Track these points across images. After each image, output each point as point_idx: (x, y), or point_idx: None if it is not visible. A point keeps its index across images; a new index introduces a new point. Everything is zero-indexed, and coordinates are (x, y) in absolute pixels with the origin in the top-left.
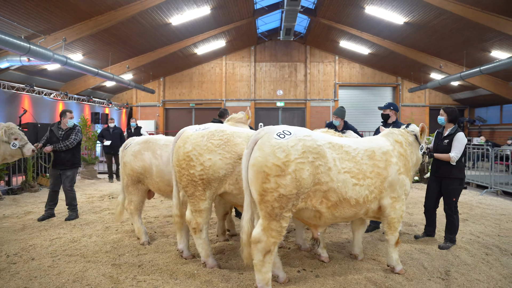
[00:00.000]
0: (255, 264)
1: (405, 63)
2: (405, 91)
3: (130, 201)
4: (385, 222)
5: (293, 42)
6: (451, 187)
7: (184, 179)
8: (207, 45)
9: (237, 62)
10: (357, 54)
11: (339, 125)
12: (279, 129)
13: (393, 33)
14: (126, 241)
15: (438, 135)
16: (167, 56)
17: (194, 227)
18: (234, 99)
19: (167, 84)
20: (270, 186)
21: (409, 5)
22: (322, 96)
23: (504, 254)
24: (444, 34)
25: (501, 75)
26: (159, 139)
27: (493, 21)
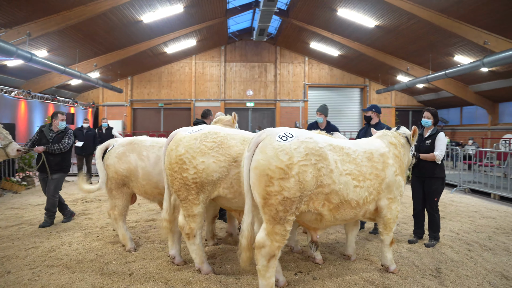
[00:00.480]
0: (258, 270)
1: (374, 65)
2: (373, 93)
3: (114, 206)
4: (381, 222)
5: (263, 43)
6: (434, 187)
7: (176, 182)
8: (177, 44)
9: (207, 61)
10: (327, 55)
11: (322, 123)
12: (280, 131)
13: (364, 36)
14: (109, 248)
15: (420, 136)
16: (136, 54)
17: (188, 233)
18: (203, 99)
19: (135, 83)
20: (274, 189)
21: (381, 9)
22: (291, 97)
23: (484, 250)
24: (412, 38)
25: (462, 78)
26: (145, 140)
27: (458, 28)
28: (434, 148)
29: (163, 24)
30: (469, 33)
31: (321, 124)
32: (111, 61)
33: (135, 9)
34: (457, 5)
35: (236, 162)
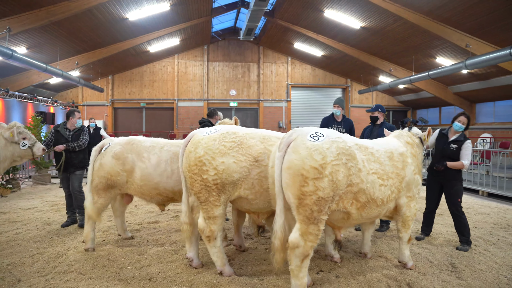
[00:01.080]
0: (292, 270)
1: (357, 66)
2: (355, 93)
3: (93, 203)
4: (400, 220)
5: (247, 43)
6: (456, 188)
7: (196, 184)
8: (161, 43)
9: (189, 61)
10: (310, 55)
11: (339, 115)
12: (311, 131)
13: (349, 37)
14: (119, 252)
15: (443, 136)
16: (119, 53)
17: (208, 235)
18: (186, 99)
19: (116, 83)
20: (308, 189)
21: (368, 10)
22: (275, 97)
23: (489, 244)
24: (397, 40)
25: (442, 79)
26: (144, 141)
27: (442, 31)
28: (459, 154)
29: (148, 22)
30: (453, 36)
31: (338, 116)
32: (93, 59)
33: (121, 6)
34: (442, 9)
35: (257, 162)
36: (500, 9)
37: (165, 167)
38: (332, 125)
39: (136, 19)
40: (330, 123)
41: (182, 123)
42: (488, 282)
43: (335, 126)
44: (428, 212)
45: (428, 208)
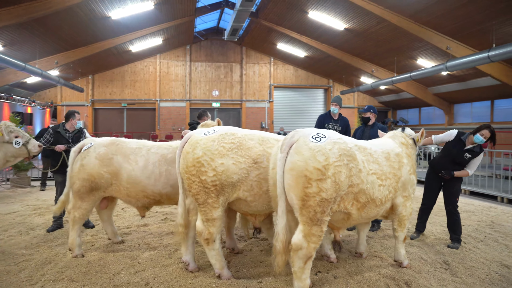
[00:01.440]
0: (294, 272)
1: (339, 67)
2: (336, 93)
3: (77, 207)
4: (396, 220)
5: (229, 43)
6: (456, 188)
7: (194, 186)
8: (143, 43)
9: (171, 61)
10: (292, 56)
11: (336, 113)
12: (312, 132)
13: (332, 38)
14: (111, 257)
15: (459, 142)
16: (100, 52)
17: (207, 238)
18: (168, 99)
19: (96, 83)
20: (312, 191)
21: (353, 12)
22: (257, 97)
23: (478, 241)
24: (380, 41)
25: (422, 81)
26: (129, 142)
27: (423, 33)
28: (470, 163)
29: (131, 21)
30: (434, 38)
31: (335, 114)
32: (74, 58)
33: (104, 4)
34: (424, 12)
35: (256, 163)
36: (478, 14)
37: (153, 169)
38: (328, 123)
39: (119, 18)
40: (326, 120)
41: (164, 123)
42: (481, 278)
43: (332, 124)
44: (426, 208)
45: (425, 204)
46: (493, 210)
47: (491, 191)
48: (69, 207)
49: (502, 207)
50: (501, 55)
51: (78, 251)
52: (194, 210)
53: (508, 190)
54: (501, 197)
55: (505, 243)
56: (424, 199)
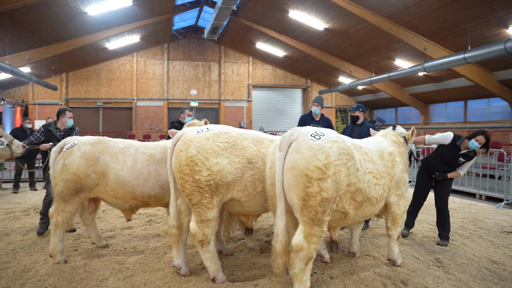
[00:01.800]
0: (295, 274)
1: (318, 66)
2: (315, 93)
3: (60, 210)
4: (390, 218)
5: (207, 42)
6: (448, 186)
7: (188, 186)
8: (120, 40)
9: (149, 59)
10: (271, 55)
11: (317, 114)
12: (311, 130)
13: (312, 38)
14: (96, 262)
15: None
16: (75, 49)
17: (201, 240)
18: (146, 98)
19: (70, 81)
20: (313, 190)
21: (333, 12)
22: (236, 97)
23: (464, 238)
24: (359, 42)
25: (399, 81)
26: (115, 141)
27: (402, 34)
28: (462, 165)
29: (108, 17)
30: (412, 40)
31: (316, 115)
32: (47, 55)
33: None
34: (404, 13)
35: (251, 163)
36: (455, 16)
37: (142, 169)
38: (310, 123)
39: (96, 14)
40: (308, 121)
41: (141, 123)
42: (473, 275)
43: (313, 125)
44: (416, 206)
45: (416, 202)
46: (473, 207)
47: (470, 188)
48: (51, 210)
49: (482, 204)
50: (476, 57)
51: (60, 257)
52: (186, 211)
53: (486, 187)
54: (480, 194)
55: (489, 239)
56: (414, 197)
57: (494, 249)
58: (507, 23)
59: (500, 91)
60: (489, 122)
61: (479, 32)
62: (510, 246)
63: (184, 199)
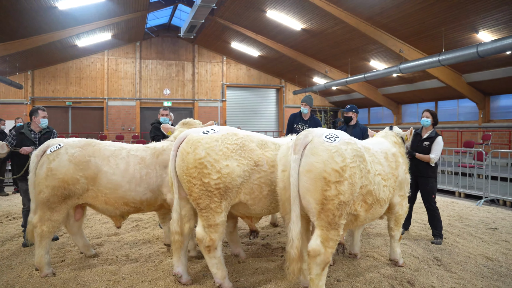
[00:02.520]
0: (311, 279)
1: (293, 67)
2: (289, 93)
3: (46, 219)
4: (393, 219)
5: (181, 40)
6: (430, 185)
7: (196, 189)
8: (91, 37)
9: (120, 58)
10: (245, 55)
11: (306, 113)
12: (325, 131)
13: (288, 38)
14: (88, 273)
15: (417, 135)
16: (43, 46)
17: (209, 245)
18: (117, 98)
19: (36, 79)
20: (331, 194)
21: (311, 13)
22: (210, 97)
23: (455, 236)
24: (335, 43)
25: (373, 82)
26: (105, 144)
27: (379, 35)
28: (427, 150)
29: (80, 13)
30: (388, 41)
31: (305, 115)
32: (11, 51)
33: None
34: (381, 15)
35: (258, 166)
36: (429, 20)
37: (134, 173)
38: (298, 123)
39: (66, 9)
40: (296, 120)
41: (113, 123)
42: (473, 272)
43: (301, 124)
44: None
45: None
46: (456, 205)
47: (450, 187)
48: (35, 220)
49: (462, 202)
50: (450, 59)
51: (48, 270)
52: (187, 216)
53: (466, 185)
54: (459, 192)
55: (478, 236)
56: None
57: (485, 246)
58: (478, 28)
59: (469, 92)
60: (459, 122)
61: (452, 35)
62: (499, 242)
63: (184, 204)
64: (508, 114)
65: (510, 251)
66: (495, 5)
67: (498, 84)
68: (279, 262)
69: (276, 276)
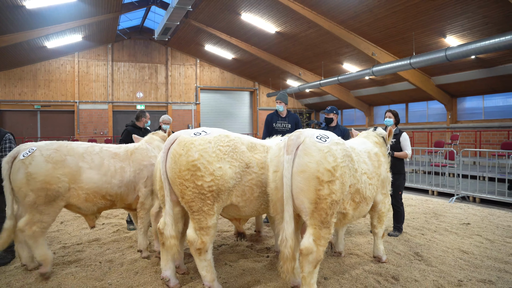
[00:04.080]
0: (303, 277)
1: (266, 69)
2: (263, 96)
3: (36, 221)
4: (376, 216)
5: (153, 43)
6: (398, 182)
7: (188, 192)
8: (61, 39)
9: (92, 60)
10: (219, 58)
11: (282, 111)
12: (315, 132)
13: (262, 41)
14: (70, 282)
15: None
16: (8, 46)
17: (199, 248)
18: (89, 101)
19: (2, 81)
20: (324, 193)
21: (285, 16)
22: (183, 99)
23: (432, 232)
24: (309, 46)
25: (345, 84)
26: (78, 143)
27: (352, 39)
28: (400, 147)
29: (49, 13)
30: (361, 45)
31: (282, 112)
32: None
33: None
34: (354, 19)
35: (249, 168)
36: (400, 25)
37: (109, 166)
38: (276, 121)
39: (34, 8)
40: (274, 119)
41: (85, 127)
42: (452, 265)
43: (280, 122)
44: None
45: None
46: (430, 203)
47: (424, 185)
48: (22, 224)
49: (436, 199)
50: (420, 63)
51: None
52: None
53: (439, 183)
54: (432, 190)
55: (454, 231)
56: None
57: (461, 240)
58: (446, 33)
59: (438, 94)
60: (428, 123)
61: (422, 40)
62: (472, 236)
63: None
64: (473, 115)
65: (483, 244)
66: (460, 12)
67: (464, 87)
68: (265, 263)
69: (264, 276)
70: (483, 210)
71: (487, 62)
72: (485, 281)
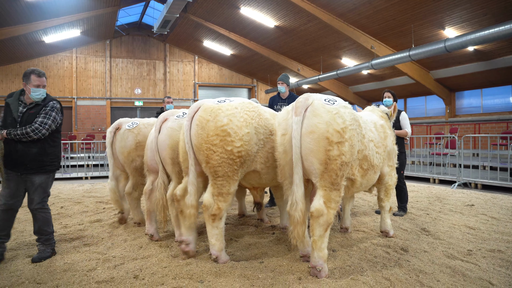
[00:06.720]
0: (314, 241)
1: (265, 65)
2: (261, 92)
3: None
4: (383, 189)
5: (152, 39)
6: (400, 161)
7: (216, 157)
8: (59, 33)
9: (90, 56)
10: (218, 54)
11: (284, 92)
12: (323, 96)
13: (261, 35)
14: (73, 256)
15: None
16: (5, 40)
17: (214, 213)
18: (87, 97)
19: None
20: (334, 154)
21: (285, 9)
22: (182, 96)
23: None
24: (308, 40)
25: (344, 80)
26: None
27: (351, 32)
28: (399, 125)
29: (47, 5)
30: (360, 38)
31: (283, 94)
32: None
33: None
34: (353, 12)
35: (272, 135)
36: (399, 17)
37: None
38: (277, 103)
39: (32, 0)
40: (275, 101)
41: (83, 123)
42: (460, 238)
43: (280, 104)
44: None
45: None
46: (432, 189)
47: (426, 174)
48: (128, 189)
49: (437, 187)
50: (420, 54)
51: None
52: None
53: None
54: (433, 179)
55: (458, 211)
56: None
57: (466, 218)
58: (444, 25)
59: (437, 89)
60: (427, 118)
61: (421, 32)
62: (478, 215)
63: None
64: (471, 109)
65: (489, 221)
66: (458, 3)
67: (462, 80)
68: (271, 238)
69: (272, 249)
70: (486, 194)
71: (486, 55)
72: (494, 250)
